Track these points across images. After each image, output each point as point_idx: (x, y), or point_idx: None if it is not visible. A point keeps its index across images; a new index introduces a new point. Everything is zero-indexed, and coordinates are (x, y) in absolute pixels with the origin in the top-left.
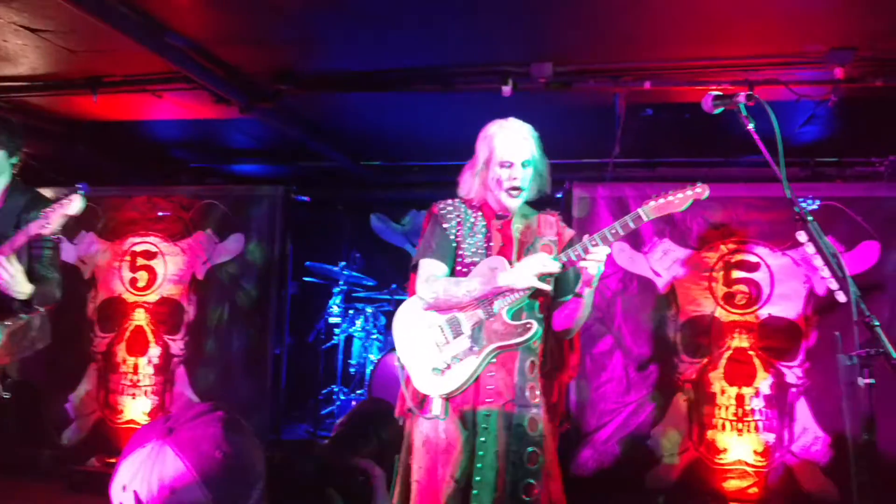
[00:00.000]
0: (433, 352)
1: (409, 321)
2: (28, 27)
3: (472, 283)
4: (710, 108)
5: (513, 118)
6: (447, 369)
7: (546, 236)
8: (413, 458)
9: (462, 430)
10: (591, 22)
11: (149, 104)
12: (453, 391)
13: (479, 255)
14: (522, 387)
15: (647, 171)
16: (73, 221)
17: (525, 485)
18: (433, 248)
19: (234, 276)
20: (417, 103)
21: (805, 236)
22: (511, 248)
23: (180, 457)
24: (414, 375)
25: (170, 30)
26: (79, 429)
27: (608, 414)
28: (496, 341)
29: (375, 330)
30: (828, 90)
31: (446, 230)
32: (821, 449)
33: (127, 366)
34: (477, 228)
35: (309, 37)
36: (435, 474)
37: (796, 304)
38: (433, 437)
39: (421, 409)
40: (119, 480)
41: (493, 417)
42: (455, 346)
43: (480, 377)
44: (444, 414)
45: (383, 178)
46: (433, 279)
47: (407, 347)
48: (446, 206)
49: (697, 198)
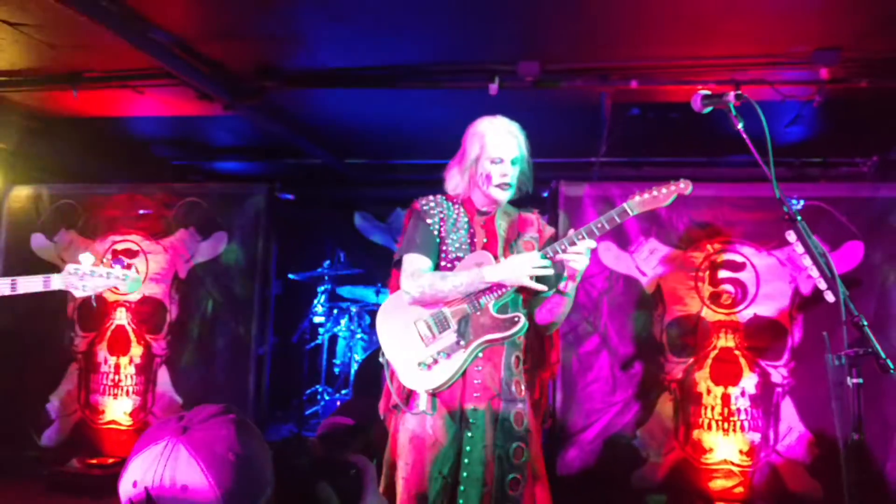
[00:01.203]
0: (419, 347)
1: (393, 316)
2: (6, 21)
3: (459, 278)
4: (699, 107)
5: (501, 116)
6: (434, 364)
7: (528, 233)
8: (398, 456)
9: (449, 426)
10: (579, 21)
11: (130, 100)
12: (440, 386)
13: (462, 251)
14: (508, 381)
15: (633, 170)
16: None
17: (511, 479)
18: (417, 243)
19: (217, 274)
20: (403, 101)
21: (794, 236)
22: (495, 243)
23: (194, 456)
24: (400, 371)
25: (152, 24)
26: (59, 429)
27: (594, 413)
28: (483, 335)
29: (360, 329)
30: (813, 90)
31: (430, 225)
32: (806, 448)
33: (108, 366)
34: (460, 224)
35: (294, 33)
36: (422, 470)
37: (781, 304)
38: (420, 433)
39: (407, 404)
40: (129, 476)
41: (480, 413)
42: (441, 341)
43: (467, 372)
44: (432, 409)
45: (368, 176)
46: (419, 273)
47: (392, 343)
48: (428, 203)
49: (681, 193)
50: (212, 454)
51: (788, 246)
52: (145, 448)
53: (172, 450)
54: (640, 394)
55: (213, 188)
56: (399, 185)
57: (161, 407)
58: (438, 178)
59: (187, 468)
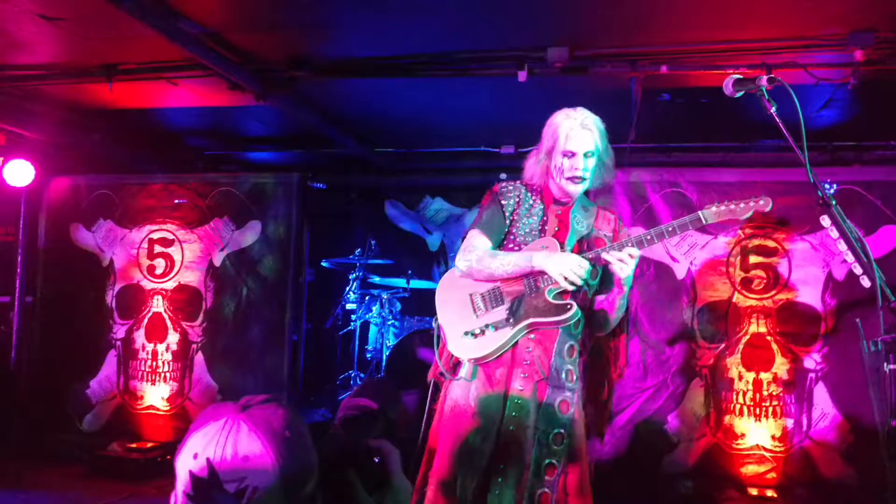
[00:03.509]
0: (470, 317)
1: (453, 286)
2: (44, 16)
3: (509, 258)
4: (731, 91)
5: (581, 108)
6: (480, 335)
7: (602, 231)
8: (440, 424)
9: (492, 402)
10: (608, 5)
11: (164, 92)
12: (483, 357)
13: (532, 236)
14: (559, 368)
15: (663, 155)
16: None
17: (547, 465)
18: (482, 221)
19: (251, 262)
20: (432, 90)
21: (828, 220)
22: (566, 233)
23: (254, 430)
24: (449, 337)
25: (185, 17)
26: (99, 414)
27: (626, 399)
28: (533, 317)
29: (391, 315)
30: (847, 73)
31: (503, 207)
32: (840, 434)
33: (146, 352)
34: (534, 211)
35: (323, 23)
36: (459, 439)
37: (815, 289)
38: (462, 404)
39: (453, 373)
40: (189, 449)
41: (525, 394)
42: (492, 314)
43: (517, 351)
44: (471, 377)
45: (397, 165)
46: (471, 249)
47: (446, 310)
48: (507, 186)
49: (760, 210)
50: (270, 429)
51: (821, 231)
52: (204, 425)
53: (233, 425)
54: (672, 379)
55: (245, 178)
56: (428, 174)
57: (197, 392)
58: (467, 166)
59: (248, 440)
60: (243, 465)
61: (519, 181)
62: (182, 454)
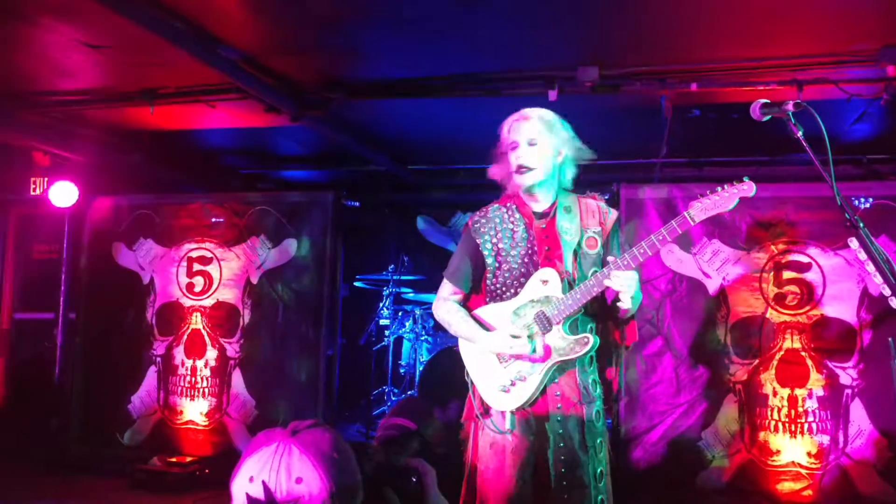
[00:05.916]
0: (497, 369)
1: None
2: (89, 44)
3: (460, 327)
4: (758, 116)
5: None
6: (511, 387)
7: (590, 228)
8: (479, 460)
9: (529, 431)
10: (637, 24)
11: (202, 114)
12: (521, 406)
13: (525, 266)
14: (585, 383)
15: (694, 171)
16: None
17: (598, 472)
18: (450, 268)
19: (287, 280)
20: (463, 108)
21: (856, 242)
22: (558, 251)
23: (305, 454)
24: (482, 392)
25: (222, 42)
26: (140, 429)
27: (658, 415)
28: (557, 357)
29: (424, 331)
30: (880, 88)
31: (479, 246)
32: (877, 451)
33: (185, 368)
34: (518, 237)
35: (356, 46)
36: (506, 474)
37: (850, 305)
38: (500, 439)
39: (486, 415)
40: (245, 473)
41: (565, 418)
42: (517, 362)
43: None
44: (512, 426)
45: (430, 182)
46: (439, 298)
47: (472, 364)
48: (479, 220)
49: (744, 195)
50: (320, 452)
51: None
52: (257, 450)
53: (285, 449)
54: (705, 395)
55: (281, 196)
56: (460, 190)
57: (235, 408)
58: (497, 182)
59: (300, 463)
60: (297, 486)
61: (491, 205)
62: (237, 478)
